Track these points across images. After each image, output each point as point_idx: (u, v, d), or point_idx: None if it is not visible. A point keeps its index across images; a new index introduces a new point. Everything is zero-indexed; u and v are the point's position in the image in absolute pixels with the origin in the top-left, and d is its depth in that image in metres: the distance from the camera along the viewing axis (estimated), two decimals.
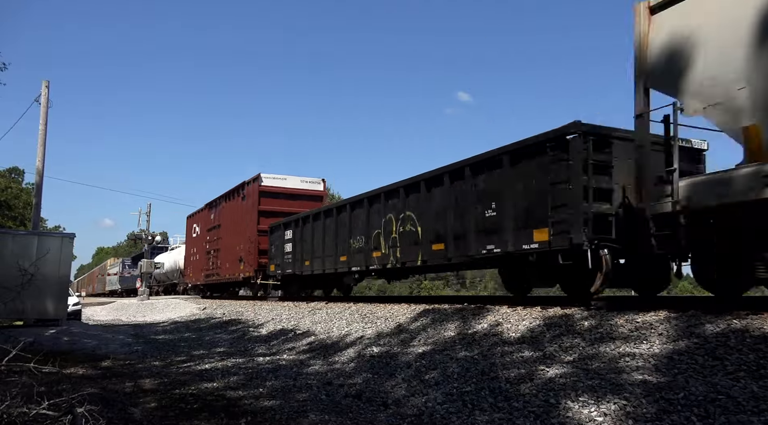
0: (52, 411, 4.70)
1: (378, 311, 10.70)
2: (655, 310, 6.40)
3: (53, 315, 15.02)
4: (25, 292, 11.21)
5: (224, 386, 7.30)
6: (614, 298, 9.39)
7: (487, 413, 4.99)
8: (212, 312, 18.67)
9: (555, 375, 5.32)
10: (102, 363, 9.51)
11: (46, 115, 19.85)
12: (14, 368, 5.77)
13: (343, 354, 8.54)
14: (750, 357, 4.65)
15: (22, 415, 4.55)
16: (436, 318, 8.77)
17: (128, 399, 6.48)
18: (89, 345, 12.16)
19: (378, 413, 5.56)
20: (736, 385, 4.30)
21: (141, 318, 23.10)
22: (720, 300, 7.00)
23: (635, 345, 5.53)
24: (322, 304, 13.92)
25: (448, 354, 6.93)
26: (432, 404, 5.52)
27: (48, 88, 20.25)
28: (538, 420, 4.60)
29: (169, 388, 7.20)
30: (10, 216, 45.13)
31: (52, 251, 14.82)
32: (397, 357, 7.49)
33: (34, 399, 4.79)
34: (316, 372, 7.80)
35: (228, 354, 10.34)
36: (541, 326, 6.89)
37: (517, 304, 8.44)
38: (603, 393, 4.67)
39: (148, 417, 5.67)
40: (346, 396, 6.34)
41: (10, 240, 15.13)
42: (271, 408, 5.97)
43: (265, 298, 20.62)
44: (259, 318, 14.47)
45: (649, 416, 4.17)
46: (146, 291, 33.50)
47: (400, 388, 6.27)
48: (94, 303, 39.79)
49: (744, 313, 5.59)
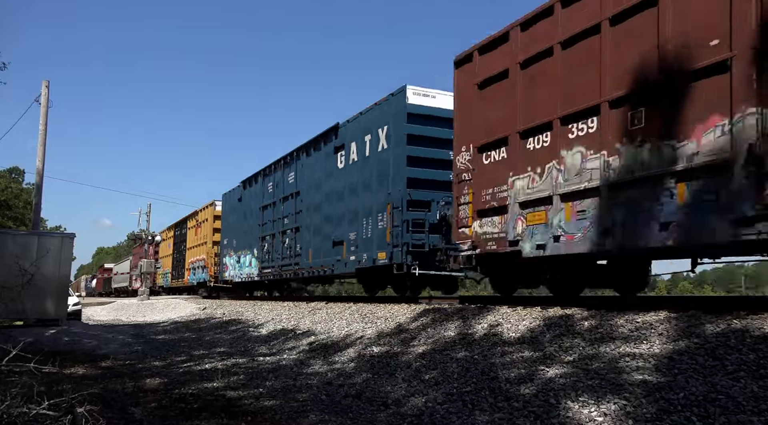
0: (52, 411, 4.70)
1: (378, 311, 10.70)
2: (655, 310, 6.41)
3: (53, 315, 15.00)
4: (25, 292, 11.25)
5: (224, 386, 7.31)
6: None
7: (487, 413, 4.99)
8: (212, 312, 18.67)
9: (555, 375, 5.32)
10: (102, 363, 9.51)
11: (46, 115, 19.85)
12: (14, 368, 5.76)
13: (344, 354, 8.54)
14: (750, 357, 4.65)
15: (22, 415, 4.56)
16: (436, 318, 8.77)
17: (128, 399, 6.48)
18: (89, 345, 12.17)
19: (378, 413, 5.57)
20: (736, 385, 4.30)
21: (141, 318, 23.11)
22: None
23: (635, 345, 5.53)
24: (322, 304, 13.91)
25: (448, 354, 6.94)
26: (432, 404, 5.53)
27: (48, 88, 20.25)
28: (538, 420, 4.61)
29: (169, 388, 7.21)
30: (10, 216, 45.14)
31: (52, 251, 14.81)
32: (398, 357, 7.49)
33: (34, 399, 4.79)
34: (316, 372, 7.80)
35: (228, 354, 10.35)
36: (541, 326, 6.90)
37: (517, 304, 8.45)
38: (603, 393, 4.67)
39: (148, 417, 5.67)
40: (346, 396, 6.35)
41: (10, 240, 15.11)
42: (272, 408, 5.98)
43: (265, 298, 20.71)
44: (259, 318, 14.47)
45: (649, 416, 4.17)
46: (146, 291, 33.51)
47: (400, 388, 6.28)
48: (94, 303, 39.80)
49: (744, 313, 5.59)
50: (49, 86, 20.33)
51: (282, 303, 16.57)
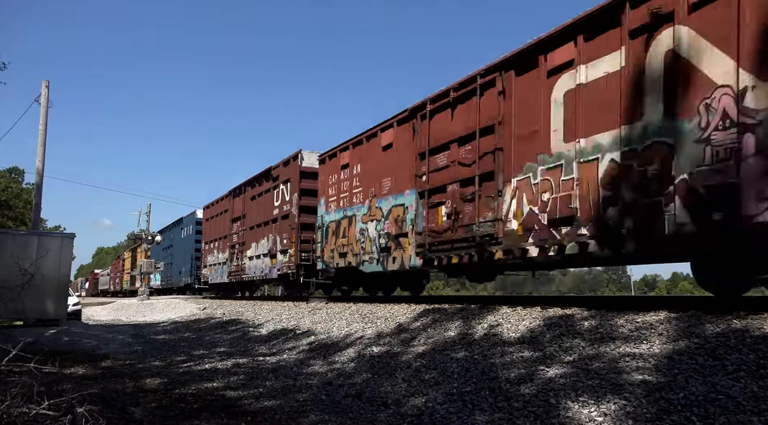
0: (52, 411, 4.70)
1: (378, 311, 10.70)
2: (655, 310, 6.41)
3: (53, 315, 15.00)
4: (25, 292, 11.25)
5: (224, 386, 7.31)
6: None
7: (487, 413, 4.99)
8: (212, 312, 18.67)
9: (555, 375, 5.32)
10: (102, 363, 9.51)
11: (46, 115, 19.85)
12: (14, 368, 5.76)
13: (343, 354, 8.54)
14: (750, 357, 4.65)
15: (22, 415, 4.55)
16: (436, 318, 8.77)
17: (128, 399, 6.48)
18: (89, 345, 12.16)
19: (378, 413, 5.57)
20: (736, 385, 4.30)
21: (141, 318, 23.10)
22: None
23: (635, 345, 5.53)
24: (322, 304, 13.92)
25: (448, 354, 6.94)
26: (432, 404, 5.52)
27: (48, 88, 20.26)
28: (538, 420, 4.60)
29: (169, 388, 7.21)
30: (10, 216, 45.15)
31: (52, 251, 14.81)
32: (398, 357, 7.49)
33: (34, 399, 4.79)
34: (316, 372, 7.80)
35: (228, 354, 10.34)
36: (541, 326, 6.90)
37: (517, 304, 8.46)
38: (603, 393, 4.67)
39: (148, 416, 5.67)
40: (346, 396, 6.35)
41: (10, 240, 15.09)
42: (272, 408, 5.97)
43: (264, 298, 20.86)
44: (259, 318, 14.47)
45: (649, 416, 4.17)
46: (146, 291, 33.49)
47: (400, 388, 6.27)
48: (94, 303, 39.79)
49: (744, 313, 5.59)
50: (49, 86, 20.34)
51: (282, 303, 16.57)
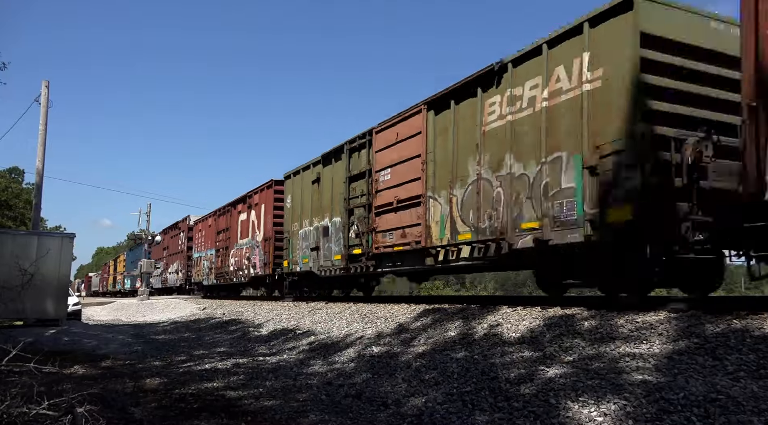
0: (52, 411, 4.70)
1: (378, 311, 10.70)
2: (655, 310, 6.41)
3: (53, 316, 14.99)
4: (25, 292, 11.23)
5: (224, 386, 7.31)
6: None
7: (487, 413, 4.99)
8: (212, 312, 18.67)
9: (555, 375, 5.32)
10: (102, 363, 9.51)
11: (46, 115, 19.85)
12: (14, 368, 5.76)
13: (343, 354, 8.54)
14: (750, 357, 4.65)
15: (22, 415, 4.55)
16: (436, 318, 8.77)
17: (128, 399, 6.48)
18: (89, 345, 12.16)
19: (378, 413, 5.56)
20: (736, 385, 4.30)
21: (141, 318, 23.10)
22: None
23: (635, 345, 5.53)
24: (322, 304, 13.92)
25: (448, 354, 6.93)
26: (432, 404, 5.52)
27: (48, 88, 20.25)
28: (538, 420, 4.60)
29: (169, 388, 7.20)
30: (10, 216, 45.12)
31: (52, 251, 14.80)
32: (397, 357, 7.49)
33: (34, 399, 4.79)
34: (316, 372, 7.80)
35: (228, 354, 10.34)
36: (541, 326, 6.89)
37: (518, 304, 8.45)
38: (603, 393, 4.67)
39: (148, 417, 5.67)
40: (346, 396, 6.35)
41: (10, 240, 15.08)
42: (272, 408, 5.97)
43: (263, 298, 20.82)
44: (258, 318, 14.47)
45: (649, 416, 4.17)
46: (146, 291, 33.49)
47: (400, 388, 6.27)
48: (94, 303, 39.78)
49: (744, 313, 5.59)
50: (49, 86, 20.33)
51: (282, 303, 16.57)
